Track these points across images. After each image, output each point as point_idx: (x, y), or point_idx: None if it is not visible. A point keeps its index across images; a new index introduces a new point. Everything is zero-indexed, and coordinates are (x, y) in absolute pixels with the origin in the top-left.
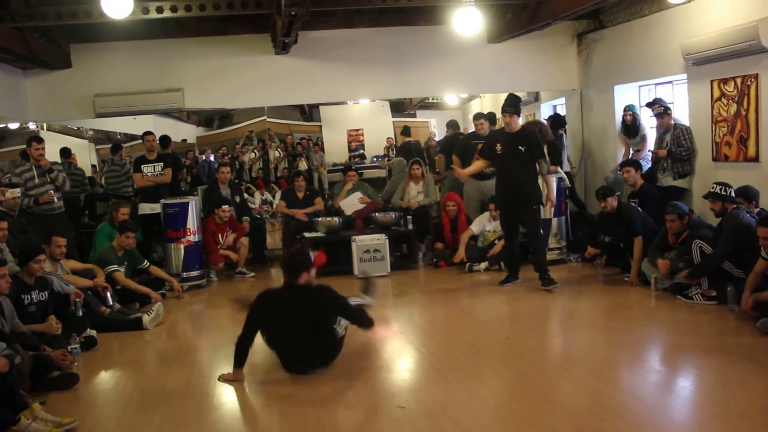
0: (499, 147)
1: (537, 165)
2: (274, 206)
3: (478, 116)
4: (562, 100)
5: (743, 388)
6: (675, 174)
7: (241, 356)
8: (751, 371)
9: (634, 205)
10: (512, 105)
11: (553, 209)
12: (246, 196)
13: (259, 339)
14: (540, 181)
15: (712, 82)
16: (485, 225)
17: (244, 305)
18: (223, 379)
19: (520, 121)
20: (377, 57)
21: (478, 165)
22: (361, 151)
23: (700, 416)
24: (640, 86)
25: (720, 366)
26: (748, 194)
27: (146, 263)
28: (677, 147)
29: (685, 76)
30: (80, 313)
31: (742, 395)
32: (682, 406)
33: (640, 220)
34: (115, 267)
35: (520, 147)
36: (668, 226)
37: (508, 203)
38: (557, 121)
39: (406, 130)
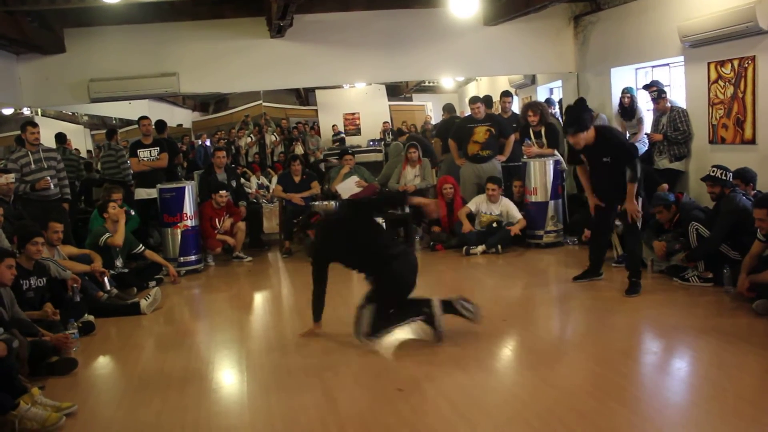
0: (583, 157)
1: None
2: (271, 191)
3: (474, 100)
4: (559, 83)
5: (739, 369)
6: (672, 156)
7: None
8: (747, 352)
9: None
10: (572, 123)
11: (550, 192)
12: (242, 180)
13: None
14: None
15: (709, 64)
16: (481, 206)
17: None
18: (303, 335)
19: (589, 132)
20: (373, 40)
21: (583, 175)
22: (342, 135)
23: (696, 397)
24: (636, 69)
25: (716, 347)
26: (745, 176)
27: (141, 247)
28: (673, 131)
29: (682, 58)
30: (78, 299)
31: (738, 376)
32: (679, 388)
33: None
34: (109, 234)
35: (604, 159)
36: (658, 218)
37: (607, 199)
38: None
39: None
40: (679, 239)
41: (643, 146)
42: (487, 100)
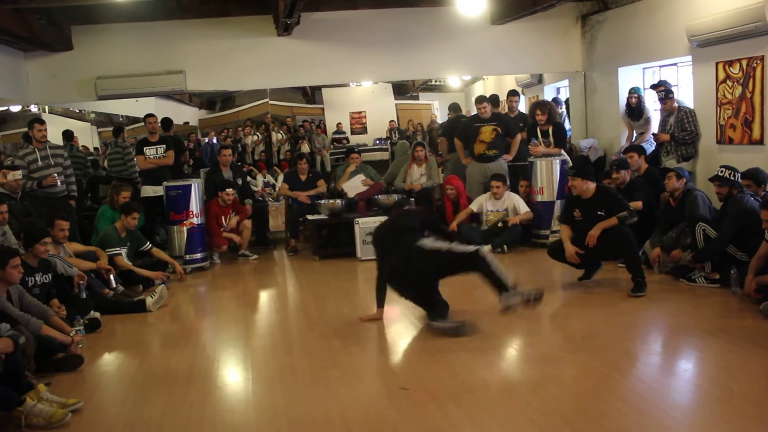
0: (577, 213)
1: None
2: (277, 189)
3: (480, 99)
4: (566, 82)
5: (746, 371)
6: (679, 157)
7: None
8: (754, 354)
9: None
10: (576, 167)
11: (557, 191)
12: (248, 178)
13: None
14: None
15: (717, 64)
16: (485, 205)
17: None
18: (365, 319)
19: (589, 185)
20: (380, 39)
21: (565, 236)
22: (345, 134)
23: (702, 398)
24: (644, 68)
25: (722, 348)
26: (757, 177)
27: (148, 245)
28: (681, 131)
29: (689, 58)
30: (84, 296)
31: (744, 377)
32: (685, 389)
33: (645, 194)
34: (116, 250)
35: (599, 213)
36: (666, 182)
37: (591, 250)
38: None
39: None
40: (685, 232)
41: (649, 146)
42: (494, 100)
